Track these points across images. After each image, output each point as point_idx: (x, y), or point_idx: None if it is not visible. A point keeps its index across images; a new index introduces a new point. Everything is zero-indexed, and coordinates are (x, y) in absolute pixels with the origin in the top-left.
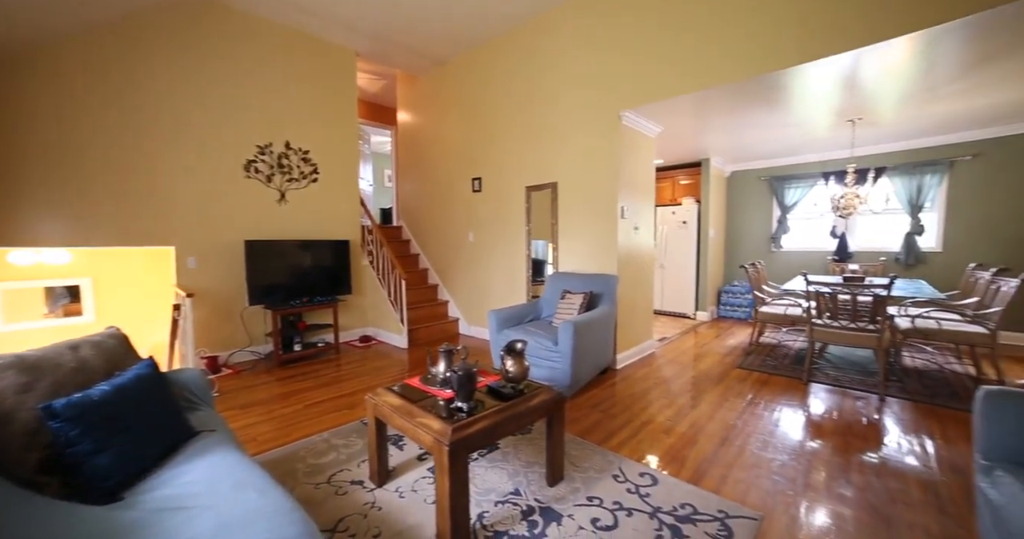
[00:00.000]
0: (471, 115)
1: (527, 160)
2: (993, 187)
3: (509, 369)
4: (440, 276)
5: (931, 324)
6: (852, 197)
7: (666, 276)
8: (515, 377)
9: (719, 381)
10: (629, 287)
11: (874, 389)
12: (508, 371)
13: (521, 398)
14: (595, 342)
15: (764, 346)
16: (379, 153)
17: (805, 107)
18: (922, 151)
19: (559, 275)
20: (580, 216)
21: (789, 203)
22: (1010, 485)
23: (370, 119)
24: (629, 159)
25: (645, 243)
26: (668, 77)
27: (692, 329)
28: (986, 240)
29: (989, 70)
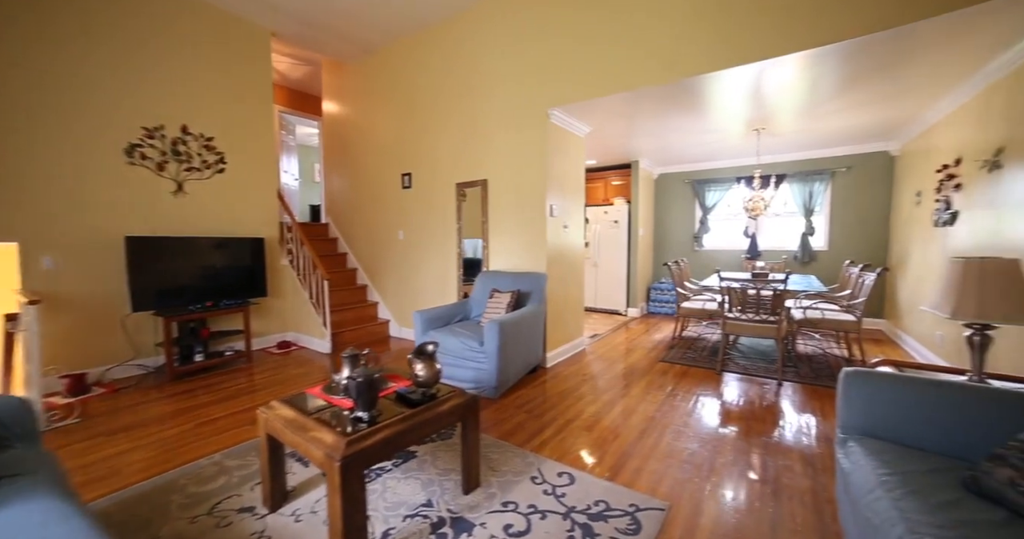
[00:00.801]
0: (401, 108)
1: (458, 156)
2: (862, 195)
3: (419, 373)
4: (369, 276)
5: (817, 314)
6: (758, 200)
7: (599, 274)
8: (426, 381)
9: (643, 375)
10: (559, 285)
11: (774, 375)
12: (418, 375)
13: (431, 403)
14: (523, 341)
15: (686, 339)
16: (307, 145)
17: (720, 115)
18: (812, 161)
19: (489, 274)
20: (510, 214)
21: (709, 205)
22: (858, 454)
23: (294, 108)
24: (558, 158)
25: (575, 241)
26: (594, 77)
27: (623, 325)
28: (859, 240)
29: (857, 92)
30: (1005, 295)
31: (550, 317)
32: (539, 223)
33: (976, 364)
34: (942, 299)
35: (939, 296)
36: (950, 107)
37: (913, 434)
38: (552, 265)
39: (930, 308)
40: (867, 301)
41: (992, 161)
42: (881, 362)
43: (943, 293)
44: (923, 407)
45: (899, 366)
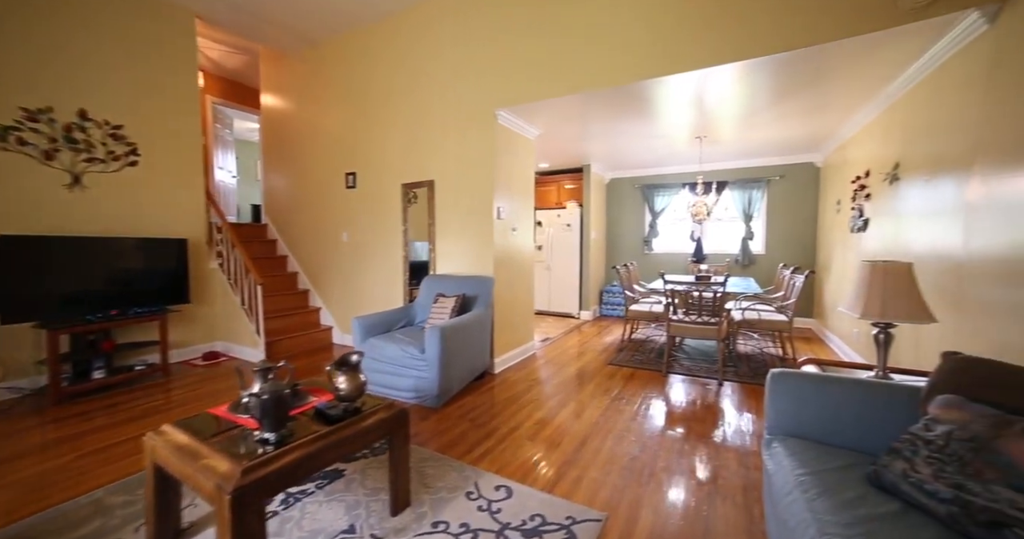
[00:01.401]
0: (346, 105)
1: (405, 156)
2: (794, 203)
3: (340, 386)
4: (311, 280)
5: (755, 315)
6: (702, 205)
7: (552, 277)
8: (348, 395)
9: (591, 379)
10: (507, 289)
11: (715, 375)
12: (339, 388)
13: (353, 419)
14: (468, 347)
15: (636, 342)
16: (248, 141)
17: (666, 121)
18: (750, 170)
19: (434, 278)
20: (457, 216)
21: (658, 209)
22: (780, 455)
23: (231, 100)
24: (507, 159)
25: (524, 244)
26: (541, 79)
27: (575, 328)
28: (792, 245)
29: (786, 104)
30: (903, 296)
31: (498, 321)
32: (486, 226)
33: (881, 360)
34: (854, 300)
35: (852, 297)
36: (860, 124)
37: (830, 431)
38: (500, 268)
39: (845, 309)
40: (797, 302)
41: (892, 174)
42: (807, 361)
43: (855, 294)
44: (837, 404)
45: (822, 364)
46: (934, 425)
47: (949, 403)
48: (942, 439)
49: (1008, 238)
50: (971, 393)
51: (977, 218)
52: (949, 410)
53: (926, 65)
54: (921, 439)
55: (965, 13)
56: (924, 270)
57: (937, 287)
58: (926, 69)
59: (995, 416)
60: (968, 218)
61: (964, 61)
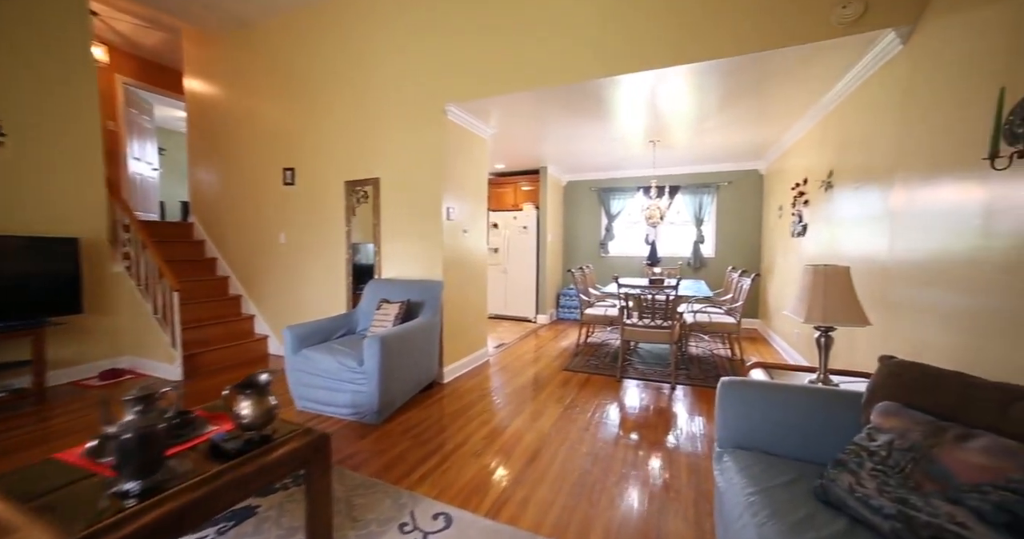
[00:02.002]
0: (284, 94)
1: (348, 151)
2: (741, 208)
3: (242, 413)
4: (244, 285)
5: (706, 318)
6: (655, 209)
7: (508, 281)
8: (253, 422)
9: (544, 386)
10: (458, 293)
11: (668, 379)
12: (241, 416)
13: (257, 452)
14: (413, 356)
15: (591, 346)
16: (177, 131)
17: (620, 124)
18: (701, 175)
19: (379, 282)
20: (404, 216)
21: (614, 213)
22: (731, 471)
23: (150, 82)
24: (458, 158)
25: (477, 247)
26: (492, 74)
27: (532, 332)
28: (739, 248)
29: (733, 110)
30: (842, 300)
31: (448, 328)
32: (435, 227)
33: (823, 363)
34: (798, 304)
35: (796, 302)
36: (799, 134)
37: (778, 441)
38: (450, 272)
39: (791, 313)
40: (744, 304)
41: (827, 182)
42: (755, 365)
43: (799, 299)
44: (784, 413)
45: (769, 368)
46: (876, 434)
47: (887, 410)
48: (884, 449)
49: (924, 244)
50: (906, 398)
51: (900, 225)
52: (888, 417)
53: (853, 81)
54: (865, 450)
55: (884, 32)
56: (857, 273)
57: (868, 290)
58: (852, 84)
59: (930, 423)
60: (893, 225)
61: (884, 79)
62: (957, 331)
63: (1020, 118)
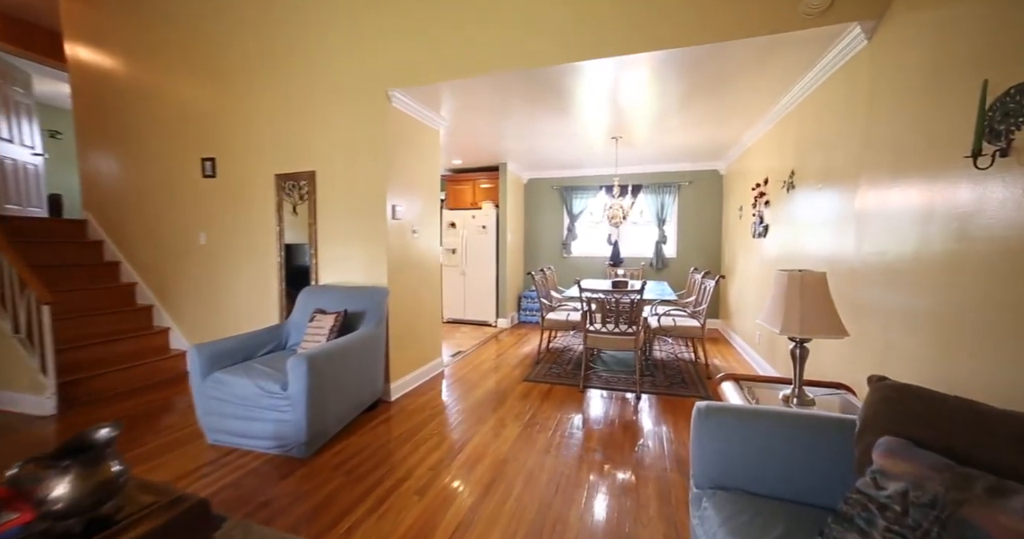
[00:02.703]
0: (202, 70)
1: (279, 140)
2: (702, 208)
3: (51, 497)
4: (156, 294)
5: (670, 321)
6: (618, 208)
7: (468, 283)
8: (75, 507)
9: (503, 400)
10: (407, 300)
11: (634, 388)
12: (47, 502)
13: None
14: (351, 374)
15: (554, 351)
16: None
17: (582, 118)
18: (663, 174)
19: (314, 290)
20: (344, 215)
21: (576, 212)
22: (711, 522)
23: (20, 46)
24: (406, 151)
25: (429, 248)
26: (440, 57)
27: (492, 337)
28: (700, 249)
29: (693, 108)
30: (820, 309)
31: (396, 339)
32: (378, 227)
33: (797, 376)
34: (772, 313)
35: (769, 310)
36: (759, 133)
37: (762, 478)
38: (397, 277)
39: (764, 322)
40: (708, 307)
41: (788, 182)
42: (726, 377)
43: (772, 307)
44: (766, 444)
45: (740, 380)
46: (884, 480)
47: (893, 449)
48: (898, 503)
49: (895, 246)
50: (910, 432)
51: (867, 226)
52: (895, 459)
53: (814, 79)
54: (874, 501)
55: (848, 27)
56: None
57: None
58: (813, 84)
59: (949, 469)
60: (859, 226)
61: (847, 77)
62: (928, 336)
63: (1001, 113)
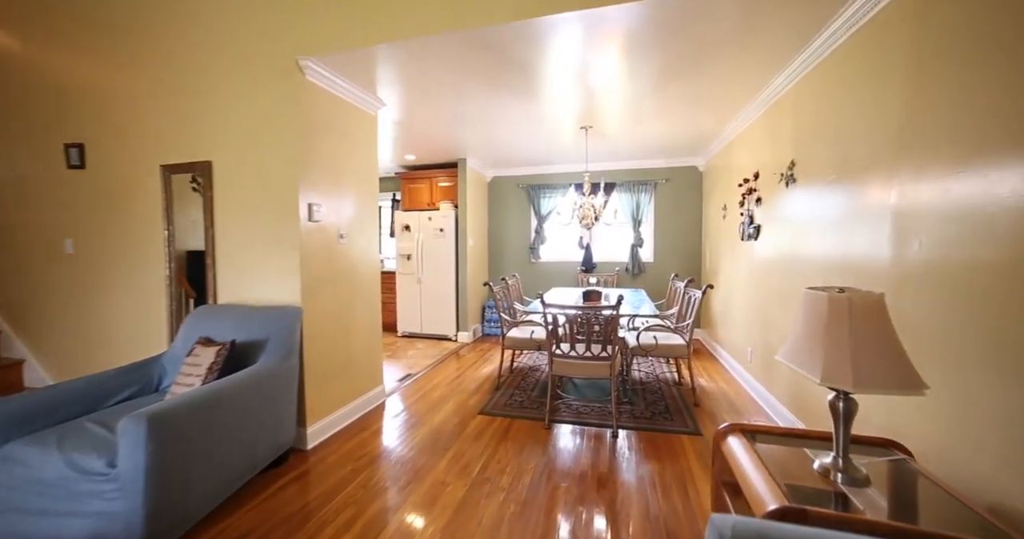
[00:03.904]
0: (64, 35)
1: (164, 123)
2: (680, 207)
3: None
4: (5, 316)
5: (650, 339)
6: (589, 207)
7: (424, 292)
8: None
9: (452, 441)
10: (332, 321)
11: (609, 421)
12: None
13: None
14: (239, 427)
15: (517, 373)
16: None
17: (548, 103)
18: (638, 171)
19: (207, 312)
20: (250, 216)
21: (544, 213)
22: None
23: None
24: (332, 139)
25: (365, 257)
26: (364, 15)
27: (452, 354)
28: (679, 252)
29: (671, 90)
30: (881, 351)
31: (314, 371)
32: (289, 231)
33: (842, 440)
34: (804, 352)
35: (799, 346)
36: (747, 121)
37: None
38: (318, 292)
39: (791, 363)
40: (695, 321)
41: (787, 175)
42: (731, 429)
43: (804, 342)
44: None
45: (751, 432)
46: None
47: None
48: None
49: (955, 250)
50: None
51: (911, 225)
52: None
53: (821, 49)
54: None
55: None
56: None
57: None
58: (820, 54)
59: None
60: (897, 226)
61: (871, 42)
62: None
63: None
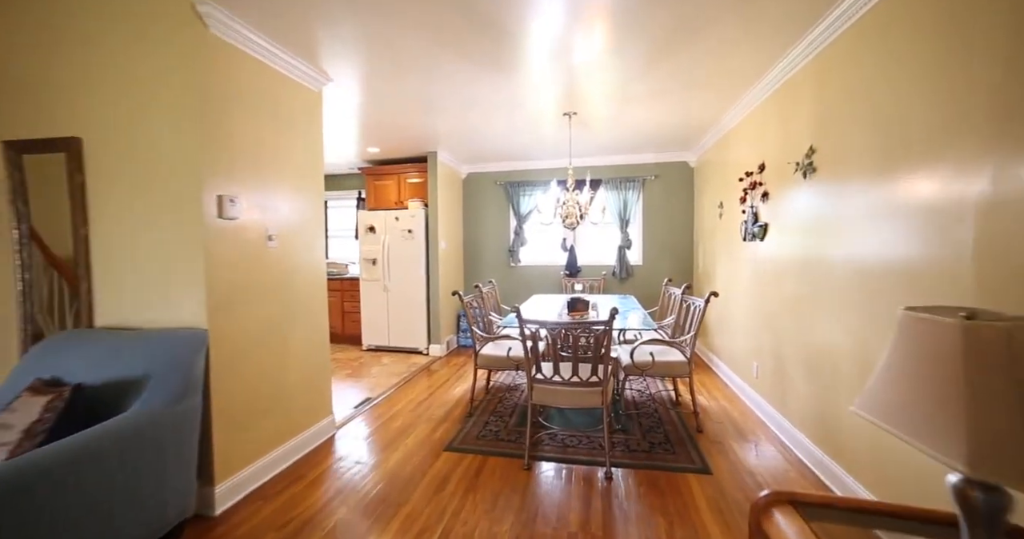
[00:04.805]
0: None
1: (8, 84)
2: (670, 205)
3: None
4: None
5: (646, 357)
6: (573, 204)
7: (392, 301)
8: None
9: (410, 491)
10: (256, 345)
11: (601, 458)
12: None
13: None
14: (82, 517)
15: (494, 393)
16: None
17: (528, 82)
18: (625, 167)
19: (64, 340)
20: (136, 212)
21: (524, 212)
22: None
23: None
24: (255, 117)
25: (304, 263)
26: None
27: (421, 371)
28: (669, 254)
29: (661, 71)
30: None
31: (232, 409)
32: (189, 232)
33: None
34: (921, 414)
35: (908, 400)
36: (750, 106)
37: None
38: (236, 308)
39: (899, 431)
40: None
41: (805, 164)
42: (775, 498)
43: (917, 394)
44: None
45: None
46: None
47: None
48: None
49: None
50: None
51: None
52: None
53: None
54: None
55: None
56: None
57: None
58: (859, 9)
59: None
60: (983, 221)
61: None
62: None
63: None
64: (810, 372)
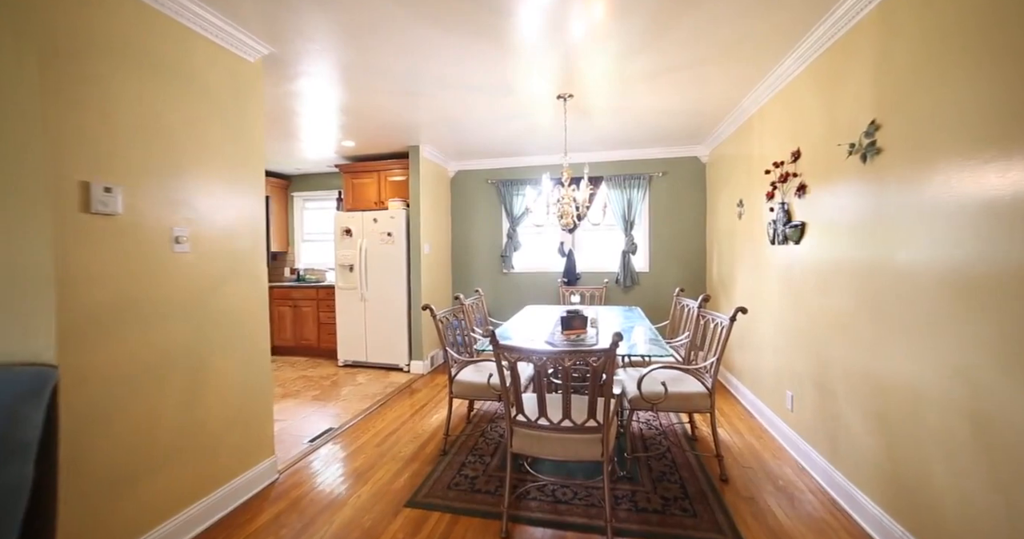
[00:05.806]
0: None
1: None
2: (680, 206)
3: None
4: None
5: (658, 388)
6: (569, 201)
7: (370, 312)
8: None
9: None
10: (151, 381)
11: (599, 520)
12: None
13: None
14: None
15: (476, 425)
16: None
17: (517, 57)
18: (629, 163)
19: None
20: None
21: (517, 213)
22: None
23: None
24: (142, 80)
25: (233, 274)
26: None
27: (399, 391)
28: (679, 260)
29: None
30: None
31: (108, 468)
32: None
33: None
34: None
35: None
36: (781, 80)
37: None
38: (115, 334)
39: None
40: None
41: (863, 145)
42: None
43: None
44: None
45: None
46: None
47: None
48: None
49: None
50: None
51: None
52: None
53: None
54: None
55: None
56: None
57: None
58: None
59: None
60: None
61: None
62: None
63: None
64: (875, 416)
